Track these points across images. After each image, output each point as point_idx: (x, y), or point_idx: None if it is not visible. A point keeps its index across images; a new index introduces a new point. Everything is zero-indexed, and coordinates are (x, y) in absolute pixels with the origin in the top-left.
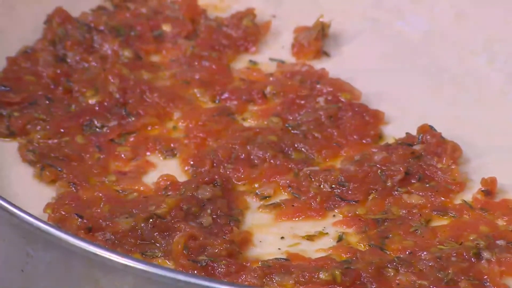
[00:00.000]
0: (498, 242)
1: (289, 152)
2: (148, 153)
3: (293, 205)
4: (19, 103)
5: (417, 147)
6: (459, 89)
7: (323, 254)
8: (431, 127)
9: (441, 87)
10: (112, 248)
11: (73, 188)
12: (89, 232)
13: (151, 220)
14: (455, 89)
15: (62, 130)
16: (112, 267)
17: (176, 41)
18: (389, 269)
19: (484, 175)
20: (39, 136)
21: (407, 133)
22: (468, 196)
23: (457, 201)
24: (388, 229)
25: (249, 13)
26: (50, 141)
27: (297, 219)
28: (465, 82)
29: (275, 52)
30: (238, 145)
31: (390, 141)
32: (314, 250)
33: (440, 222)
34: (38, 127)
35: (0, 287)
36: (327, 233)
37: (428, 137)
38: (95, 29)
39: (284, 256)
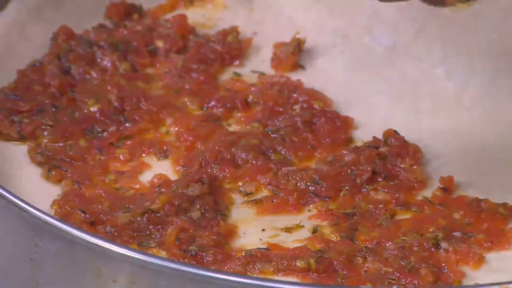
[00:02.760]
0: (454, 233)
1: (269, 153)
2: (143, 155)
3: (272, 201)
4: (29, 111)
5: (382, 149)
6: (420, 98)
7: (299, 244)
8: (395, 132)
9: (404, 96)
10: (111, 240)
11: (77, 186)
12: (91, 226)
13: (146, 214)
14: (416, 97)
15: (67, 135)
16: (112, 256)
17: (168, 55)
18: (358, 258)
19: (442, 174)
20: (46, 140)
21: (373, 137)
22: (428, 193)
23: (419, 197)
24: (357, 222)
25: (233, 30)
26: (56, 145)
27: (276, 213)
28: (425, 91)
29: (256, 65)
30: (224, 148)
31: (359, 144)
32: (291, 241)
33: (403, 216)
34: (46, 132)
35: (11, 274)
36: (303, 226)
37: (393, 140)
38: (96, 44)
39: (265, 246)
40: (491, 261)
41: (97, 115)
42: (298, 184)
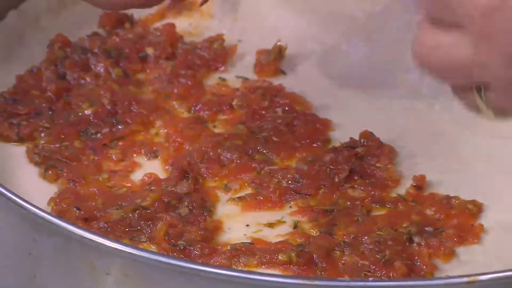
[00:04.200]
0: (426, 228)
1: (253, 154)
2: (134, 155)
3: (256, 198)
4: (27, 114)
5: (359, 150)
6: (394, 102)
7: (281, 239)
8: (371, 133)
9: (379, 100)
10: (105, 235)
11: (72, 185)
12: (86, 222)
13: (137, 211)
14: (391, 101)
15: (62, 136)
16: (105, 250)
17: (158, 62)
18: (337, 251)
19: (415, 173)
20: (43, 142)
21: (351, 138)
22: (402, 190)
23: (393, 194)
24: (336, 218)
25: (219, 38)
26: (52, 146)
27: (259, 209)
28: (399, 95)
29: (240, 71)
30: (210, 148)
31: (337, 144)
32: (274, 236)
33: (378, 212)
34: (43, 134)
35: (12, 267)
36: (284, 221)
37: (368, 141)
38: (90, 51)
39: (249, 241)
40: (461, 255)
41: (91, 117)
42: (280, 182)
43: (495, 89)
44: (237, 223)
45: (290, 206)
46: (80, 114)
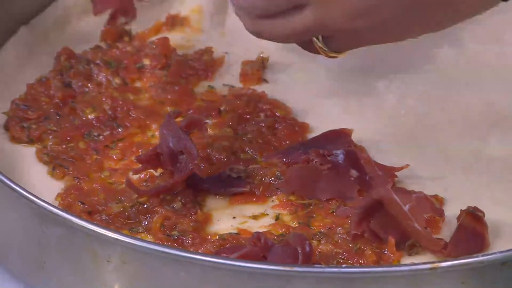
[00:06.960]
0: None
1: (239, 153)
2: (133, 155)
3: (242, 193)
4: (36, 118)
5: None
6: (365, 107)
7: (264, 230)
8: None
9: (351, 105)
10: (106, 226)
11: (77, 182)
12: (89, 215)
13: (134, 207)
14: (362, 107)
15: (68, 138)
16: (106, 240)
17: (154, 71)
18: (313, 241)
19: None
20: (51, 143)
21: None
22: None
23: None
24: (313, 211)
25: (208, 50)
26: (59, 147)
27: (245, 203)
28: (369, 101)
29: (227, 79)
30: (201, 149)
31: None
32: (258, 227)
33: (351, 205)
34: (51, 136)
35: (23, 255)
36: (267, 214)
37: None
38: (93, 62)
39: (235, 231)
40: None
41: (94, 121)
42: (263, 179)
43: (335, 38)
44: (225, 215)
45: (272, 200)
46: (84, 118)
